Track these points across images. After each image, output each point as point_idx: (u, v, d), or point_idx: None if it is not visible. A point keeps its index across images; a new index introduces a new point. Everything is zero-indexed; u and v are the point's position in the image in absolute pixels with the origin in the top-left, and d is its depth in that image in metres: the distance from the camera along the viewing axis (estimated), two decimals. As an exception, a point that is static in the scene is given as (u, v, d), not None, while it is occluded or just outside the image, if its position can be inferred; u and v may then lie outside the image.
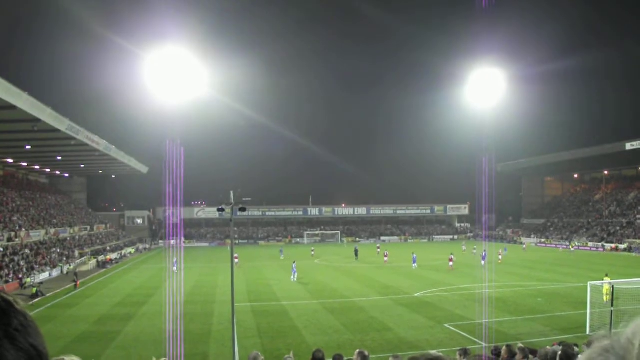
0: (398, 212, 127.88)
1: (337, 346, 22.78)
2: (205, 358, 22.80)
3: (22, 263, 51.49)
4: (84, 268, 61.70)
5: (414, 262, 59.75)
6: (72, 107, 66.41)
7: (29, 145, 57.83)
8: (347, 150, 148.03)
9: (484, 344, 22.59)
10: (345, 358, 12.38)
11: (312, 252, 77.95)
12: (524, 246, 74.78)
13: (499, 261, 62.35)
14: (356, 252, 74.08)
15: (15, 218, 62.03)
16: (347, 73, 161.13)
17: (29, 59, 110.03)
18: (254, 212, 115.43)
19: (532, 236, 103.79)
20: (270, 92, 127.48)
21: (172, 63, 56.59)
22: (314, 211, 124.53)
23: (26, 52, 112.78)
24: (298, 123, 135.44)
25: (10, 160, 70.28)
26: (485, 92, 79.19)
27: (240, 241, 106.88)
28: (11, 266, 49.14)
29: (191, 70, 56.63)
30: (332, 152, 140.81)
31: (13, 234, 56.71)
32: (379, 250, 78.34)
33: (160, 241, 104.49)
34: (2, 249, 51.81)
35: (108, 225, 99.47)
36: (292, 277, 49.64)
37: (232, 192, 21.98)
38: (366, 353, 11.68)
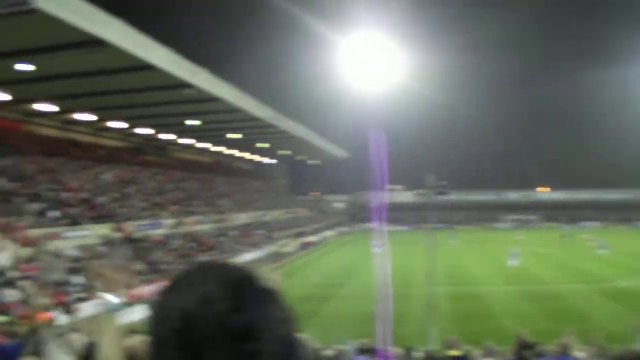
0: (602, 197, 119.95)
1: (535, 334, 21.66)
2: (401, 339, 22.70)
3: (229, 244, 54.79)
4: (286, 250, 64.31)
5: (604, 248, 55.89)
6: (272, 96, 69.08)
7: (235, 134, 60.94)
8: (546, 132, 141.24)
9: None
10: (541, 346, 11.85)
11: (519, 238, 72.49)
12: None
13: None
14: (565, 236, 70.82)
15: (223, 202, 66.23)
16: (547, 51, 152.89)
17: (231, 50, 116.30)
18: (450, 197, 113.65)
19: None
20: (467, 75, 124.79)
21: (368, 49, 57.01)
22: (512, 196, 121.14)
23: (230, 45, 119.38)
24: (496, 106, 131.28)
25: (220, 149, 74.35)
26: None
27: (437, 225, 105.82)
28: (219, 247, 52.48)
29: (388, 55, 56.79)
30: (531, 134, 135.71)
31: (221, 216, 60.54)
32: (586, 237, 72.75)
33: (360, 224, 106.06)
34: (212, 231, 55.58)
35: (308, 209, 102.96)
36: (512, 262, 47.38)
37: (429, 177, 21.73)
38: (568, 344, 11.03)
